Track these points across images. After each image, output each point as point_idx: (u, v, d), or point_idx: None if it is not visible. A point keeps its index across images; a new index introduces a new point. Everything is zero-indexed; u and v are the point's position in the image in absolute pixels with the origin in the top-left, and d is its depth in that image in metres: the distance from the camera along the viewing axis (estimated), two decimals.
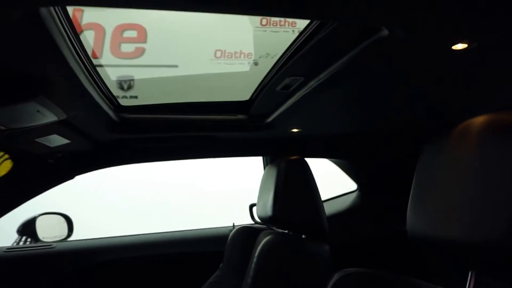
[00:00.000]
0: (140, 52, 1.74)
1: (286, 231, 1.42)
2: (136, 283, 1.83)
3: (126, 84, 1.62)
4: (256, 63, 1.75)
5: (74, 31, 0.87)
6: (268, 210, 1.36)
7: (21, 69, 0.82)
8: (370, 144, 1.95)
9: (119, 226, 2.22)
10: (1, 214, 1.61)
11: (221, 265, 1.67)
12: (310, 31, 0.90)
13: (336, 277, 0.77)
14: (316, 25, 0.88)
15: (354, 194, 2.25)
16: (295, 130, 1.67)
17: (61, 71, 0.86)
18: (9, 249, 1.75)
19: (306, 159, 1.43)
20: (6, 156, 1.59)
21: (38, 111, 0.97)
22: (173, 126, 1.51)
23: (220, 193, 3.45)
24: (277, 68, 1.12)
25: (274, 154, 1.97)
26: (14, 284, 1.67)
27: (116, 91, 1.51)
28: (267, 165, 2.02)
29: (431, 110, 1.40)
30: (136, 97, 1.62)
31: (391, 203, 1.88)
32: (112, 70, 1.66)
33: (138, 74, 1.70)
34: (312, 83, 1.10)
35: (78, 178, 1.69)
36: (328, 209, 1.56)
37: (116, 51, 1.74)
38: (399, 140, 1.83)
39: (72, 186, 1.71)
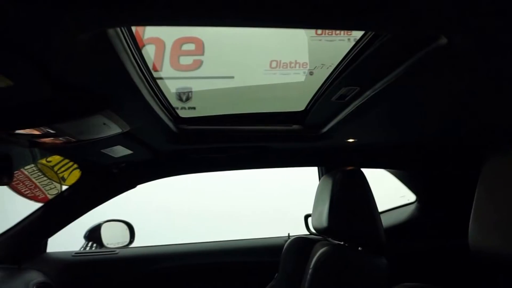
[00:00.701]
0: (198, 64, 1.79)
1: (342, 243, 1.39)
2: None
3: (185, 96, 1.67)
4: (311, 73, 1.73)
5: (137, 47, 0.90)
6: (323, 221, 1.34)
7: (89, 84, 0.87)
8: (429, 155, 1.86)
9: (177, 235, 2.30)
10: (69, 220, 1.72)
11: (276, 275, 1.65)
12: (366, 40, 0.88)
13: None
14: (372, 34, 0.85)
15: (413, 206, 2.15)
16: (351, 140, 1.62)
17: (126, 86, 0.90)
18: (77, 253, 1.86)
19: (362, 169, 1.40)
20: (75, 166, 1.70)
21: (104, 123, 1.02)
22: (230, 137, 1.53)
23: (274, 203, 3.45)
24: (332, 78, 1.10)
25: (329, 164, 1.93)
26: (83, 286, 1.76)
27: (175, 103, 1.57)
28: (322, 175, 1.98)
29: (495, 120, 1.31)
30: (194, 108, 1.67)
31: (452, 215, 1.78)
32: (172, 83, 1.72)
33: (196, 85, 1.75)
34: (368, 93, 1.07)
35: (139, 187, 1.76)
36: (385, 221, 1.51)
37: (175, 64, 1.80)
38: (460, 151, 1.73)
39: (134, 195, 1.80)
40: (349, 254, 1.32)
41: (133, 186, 1.74)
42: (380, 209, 1.41)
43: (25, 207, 1.79)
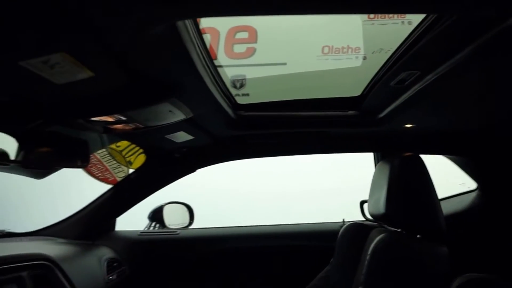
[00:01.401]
0: (251, 52, 1.81)
1: (399, 230, 1.36)
2: (250, 271, 1.92)
3: (239, 83, 1.70)
4: (365, 58, 1.70)
5: (201, 37, 0.95)
6: (380, 207, 1.32)
7: (159, 74, 0.92)
8: (492, 141, 1.76)
9: (235, 217, 2.37)
10: (135, 201, 1.84)
11: (332, 260, 1.66)
12: (428, 23, 0.85)
13: (457, 282, 0.72)
14: (434, 17, 0.83)
15: (474, 194, 2.05)
16: (409, 125, 1.58)
17: (191, 74, 0.94)
18: (142, 233, 1.99)
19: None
20: (141, 150, 1.81)
21: (170, 111, 1.08)
22: (285, 123, 1.55)
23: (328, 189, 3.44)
24: (391, 62, 1.07)
25: (386, 150, 1.88)
26: (146, 264, 1.88)
27: (230, 90, 1.61)
28: (378, 161, 1.94)
29: None
30: (247, 95, 1.70)
31: None
32: (226, 70, 1.77)
33: (249, 73, 1.78)
34: (429, 77, 1.04)
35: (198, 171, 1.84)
36: (445, 208, 1.46)
37: (229, 52, 1.84)
38: None
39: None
40: (408, 241, 1.28)
41: (193, 170, 1.82)
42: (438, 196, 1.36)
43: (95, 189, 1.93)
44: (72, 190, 2.50)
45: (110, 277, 1.60)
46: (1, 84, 0.81)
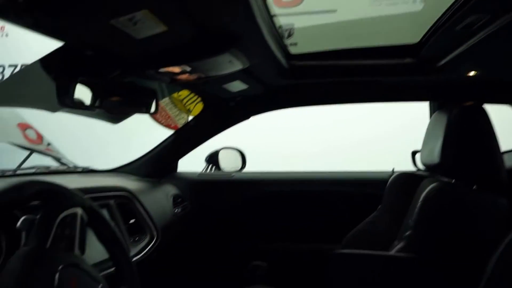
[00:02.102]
0: (299, 0, 1.80)
1: (453, 180, 1.33)
2: (297, 214, 2.03)
3: (287, 32, 1.72)
4: (421, 1, 1.62)
5: None
6: (435, 157, 1.30)
7: (221, 26, 0.99)
8: None
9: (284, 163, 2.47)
10: (194, 146, 1.98)
11: (379, 207, 1.70)
12: None
13: None
14: None
15: None
16: (472, 73, 1.50)
17: (249, 24, 0.98)
18: (200, 174, 2.16)
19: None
20: (199, 99, 1.92)
21: (229, 61, 1.16)
22: (338, 72, 1.55)
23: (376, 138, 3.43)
24: (458, 5, 1.00)
25: (445, 99, 1.80)
26: (204, 202, 2.06)
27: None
28: (434, 110, 1.89)
29: None
30: (295, 44, 1.71)
31: None
32: (276, 20, 1.77)
33: (298, 22, 1.77)
34: (501, 21, 0.97)
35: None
36: (508, 161, 1.39)
37: (277, 1, 1.84)
38: None
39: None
40: (463, 191, 1.26)
41: (247, 118, 1.91)
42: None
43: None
44: (140, 135, 2.73)
45: (176, 210, 1.80)
46: (90, 40, 0.92)
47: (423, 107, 2.03)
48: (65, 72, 1.03)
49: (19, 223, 0.76)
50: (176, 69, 1.15)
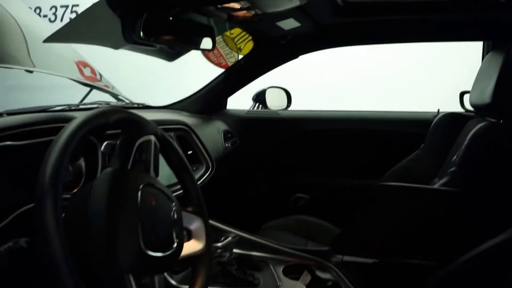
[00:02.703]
0: None
1: (501, 121, 1.30)
2: (341, 152, 2.07)
3: None
4: None
5: None
6: (485, 97, 1.27)
7: None
8: None
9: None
10: (244, 84, 2.02)
11: (422, 146, 1.71)
12: None
13: None
14: None
15: None
16: None
17: None
18: (249, 112, 2.22)
19: None
20: (250, 38, 1.92)
21: None
22: (393, 9, 1.50)
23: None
24: None
25: (503, 39, 1.69)
26: (252, 138, 2.13)
27: None
28: (488, 51, 1.80)
29: None
30: None
31: None
32: None
33: None
34: None
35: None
36: None
37: None
38: None
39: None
40: (510, 132, 1.22)
41: (296, 57, 1.90)
42: None
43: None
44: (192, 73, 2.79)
45: (226, 145, 1.89)
46: None
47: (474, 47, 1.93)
48: (131, 9, 1.06)
49: (102, 147, 0.85)
50: (235, 5, 1.16)
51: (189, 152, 1.47)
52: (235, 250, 1.24)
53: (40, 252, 0.68)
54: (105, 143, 0.83)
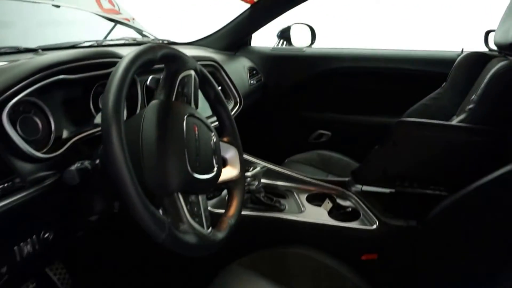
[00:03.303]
0: None
1: None
2: (362, 90, 2.08)
3: None
4: None
5: None
6: (510, 36, 1.22)
7: None
8: None
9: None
10: (268, 20, 2.00)
11: (444, 84, 1.70)
12: None
13: None
14: None
15: None
16: None
17: None
18: (273, 49, 2.21)
19: None
20: None
21: None
22: None
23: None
24: None
25: None
26: (276, 75, 2.15)
27: None
28: None
29: None
30: None
31: None
32: None
33: None
34: None
35: None
36: None
37: None
38: None
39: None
40: None
41: None
42: None
43: None
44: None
45: (252, 82, 1.93)
46: None
47: None
48: None
49: (148, 81, 0.91)
50: None
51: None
52: (262, 180, 1.34)
53: (102, 170, 0.77)
54: (150, 77, 0.89)
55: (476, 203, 0.96)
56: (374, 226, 1.17)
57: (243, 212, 1.17)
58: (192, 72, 0.89)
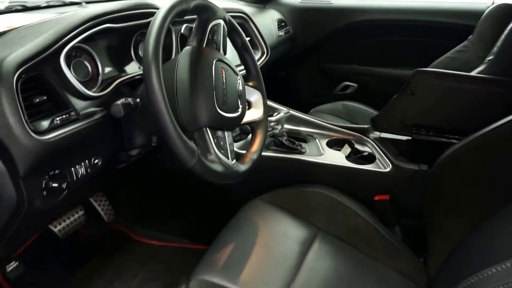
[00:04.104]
0: None
1: None
2: (389, 42, 2.06)
3: None
4: None
5: None
6: None
7: None
8: None
9: None
10: None
11: (470, 37, 1.66)
12: None
13: None
14: None
15: None
16: None
17: None
18: (302, 1, 2.20)
19: None
20: None
21: None
22: None
23: None
24: None
25: None
26: (306, 25, 2.15)
27: None
28: None
29: None
30: None
31: None
32: None
33: None
34: None
35: None
36: None
37: None
38: None
39: None
40: None
41: None
42: None
43: None
44: None
45: (280, 33, 1.96)
46: None
47: None
48: None
49: (183, 29, 0.98)
50: None
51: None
52: (286, 126, 1.42)
53: (142, 107, 0.88)
54: (184, 26, 0.96)
55: (482, 148, 1.00)
56: (388, 169, 1.24)
57: (266, 153, 1.28)
58: (222, 21, 0.96)
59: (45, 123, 0.77)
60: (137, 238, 1.60)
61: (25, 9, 1.12)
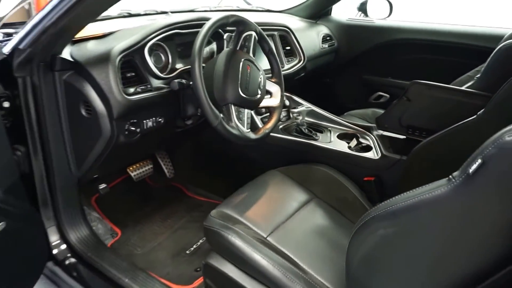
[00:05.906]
0: None
1: None
2: (421, 59, 2.21)
3: None
4: None
5: None
6: None
7: None
8: None
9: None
10: None
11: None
12: None
13: None
14: None
15: None
16: None
17: None
18: (348, 19, 2.46)
19: None
20: None
21: None
22: None
23: None
24: None
25: None
26: (350, 40, 2.42)
27: None
28: None
29: None
30: None
31: None
32: None
33: None
34: None
35: None
36: None
37: None
38: None
39: None
40: None
41: None
42: None
43: None
44: None
45: (323, 46, 2.25)
46: None
47: None
48: None
49: (225, 36, 1.36)
50: None
51: (287, 48, 1.92)
52: (309, 119, 1.72)
53: (192, 87, 1.28)
54: (226, 34, 1.34)
55: (443, 141, 1.22)
56: (377, 157, 1.48)
57: (287, 137, 1.59)
58: (253, 33, 1.32)
59: (131, 89, 1.20)
60: (189, 193, 2.01)
61: (130, 15, 1.59)
